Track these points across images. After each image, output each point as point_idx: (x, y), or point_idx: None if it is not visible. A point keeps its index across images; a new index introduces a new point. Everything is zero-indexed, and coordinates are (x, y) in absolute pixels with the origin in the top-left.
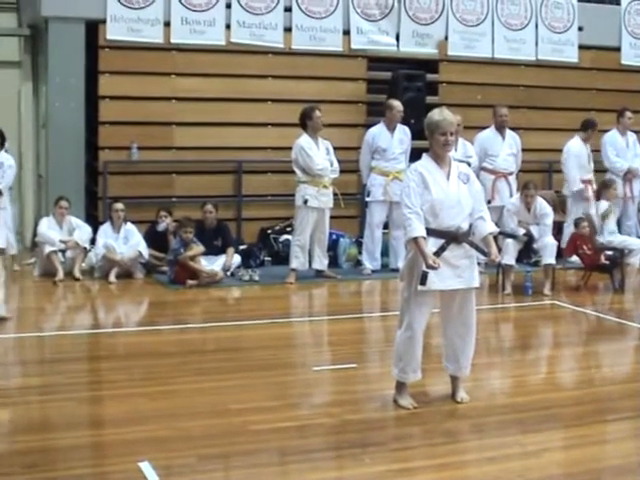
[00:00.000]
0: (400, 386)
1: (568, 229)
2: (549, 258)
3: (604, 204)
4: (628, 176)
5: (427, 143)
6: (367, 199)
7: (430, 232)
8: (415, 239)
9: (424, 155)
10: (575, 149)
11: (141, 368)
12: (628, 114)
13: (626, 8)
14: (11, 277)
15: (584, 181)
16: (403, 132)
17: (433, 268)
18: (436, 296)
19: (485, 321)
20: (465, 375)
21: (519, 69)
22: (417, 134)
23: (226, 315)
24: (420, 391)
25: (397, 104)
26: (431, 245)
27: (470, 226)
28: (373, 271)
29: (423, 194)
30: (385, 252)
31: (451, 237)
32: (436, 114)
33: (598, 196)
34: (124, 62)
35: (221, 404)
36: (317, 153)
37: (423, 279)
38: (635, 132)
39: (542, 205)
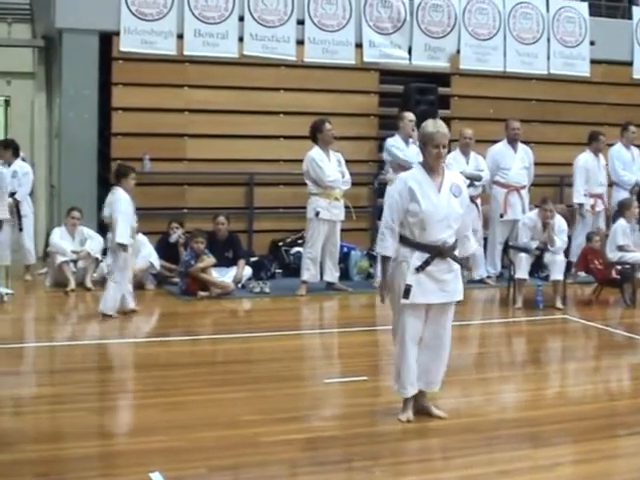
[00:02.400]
0: (405, 400)
1: (575, 242)
2: (557, 274)
3: (623, 224)
4: (635, 189)
5: None
6: None
7: (415, 246)
8: (385, 258)
9: (416, 164)
10: (582, 162)
11: (152, 379)
12: (632, 128)
13: (638, 22)
14: (23, 287)
15: (593, 195)
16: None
17: (384, 292)
18: (423, 309)
19: (496, 335)
20: (433, 390)
21: (531, 83)
22: None
23: (237, 327)
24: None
25: (408, 114)
26: (415, 259)
27: (456, 241)
28: None
29: (408, 208)
30: None
31: (436, 252)
32: (430, 126)
33: (618, 215)
34: (137, 74)
35: (232, 416)
36: (328, 165)
37: (406, 292)
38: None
39: (560, 222)
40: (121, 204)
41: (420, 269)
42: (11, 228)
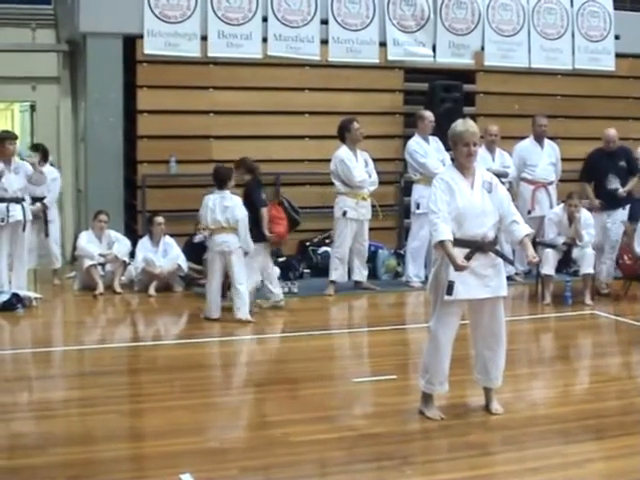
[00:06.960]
0: (426, 397)
1: None
2: (587, 268)
3: None
4: None
5: None
6: (417, 211)
7: (455, 242)
8: (442, 242)
9: (449, 165)
10: None
11: (181, 381)
12: None
13: None
14: (52, 291)
15: None
16: (437, 142)
17: (463, 268)
18: (464, 307)
19: (525, 331)
20: (496, 386)
21: (556, 78)
22: None
23: (265, 327)
24: (460, 402)
25: (428, 114)
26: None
27: (496, 236)
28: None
29: (450, 202)
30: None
31: (476, 246)
32: (459, 125)
33: None
34: (162, 76)
35: (261, 416)
36: (356, 165)
37: (449, 289)
38: None
39: (586, 216)
40: (243, 209)
41: None
42: (37, 232)
